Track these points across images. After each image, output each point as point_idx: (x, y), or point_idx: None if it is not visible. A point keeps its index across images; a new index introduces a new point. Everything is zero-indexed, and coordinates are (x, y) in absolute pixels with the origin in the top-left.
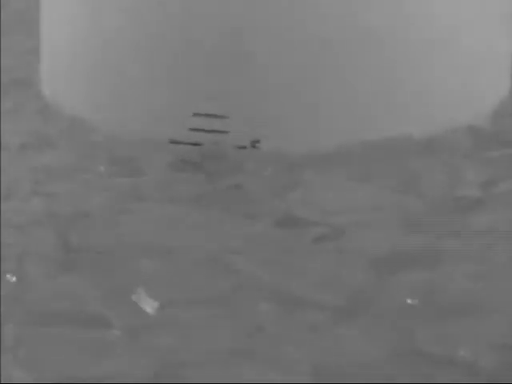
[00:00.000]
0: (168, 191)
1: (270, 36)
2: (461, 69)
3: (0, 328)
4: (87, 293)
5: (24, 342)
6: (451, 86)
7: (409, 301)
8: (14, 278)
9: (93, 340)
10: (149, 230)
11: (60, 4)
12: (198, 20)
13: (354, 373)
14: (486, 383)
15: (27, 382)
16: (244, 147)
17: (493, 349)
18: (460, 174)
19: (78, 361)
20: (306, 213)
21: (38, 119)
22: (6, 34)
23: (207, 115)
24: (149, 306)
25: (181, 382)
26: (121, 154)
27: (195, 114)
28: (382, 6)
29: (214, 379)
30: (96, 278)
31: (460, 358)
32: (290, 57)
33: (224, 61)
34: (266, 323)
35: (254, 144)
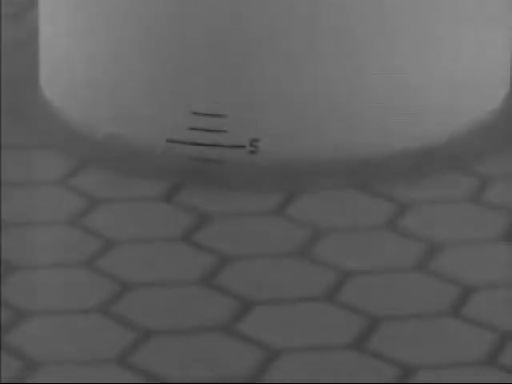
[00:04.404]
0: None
1: (270, 36)
2: (460, 69)
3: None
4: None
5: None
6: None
7: None
8: None
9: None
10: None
11: (59, 8)
12: (197, 20)
13: None
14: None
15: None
16: (243, 146)
17: None
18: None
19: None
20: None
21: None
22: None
23: (206, 115)
24: None
25: None
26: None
27: (194, 114)
28: (378, 13)
29: None
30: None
31: None
32: (289, 57)
33: (224, 60)
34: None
35: (254, 143)
